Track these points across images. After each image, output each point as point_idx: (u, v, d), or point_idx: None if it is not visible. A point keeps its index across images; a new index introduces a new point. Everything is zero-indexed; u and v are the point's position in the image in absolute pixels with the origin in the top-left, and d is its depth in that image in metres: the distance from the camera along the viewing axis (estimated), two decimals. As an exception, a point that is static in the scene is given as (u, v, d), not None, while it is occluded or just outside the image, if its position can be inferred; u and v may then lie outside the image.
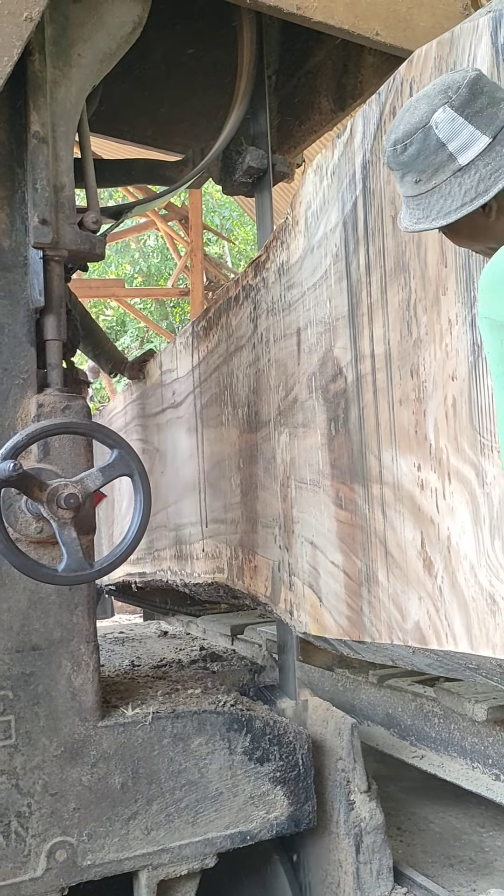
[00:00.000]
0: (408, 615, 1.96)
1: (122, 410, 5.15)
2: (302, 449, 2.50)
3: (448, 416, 1.78)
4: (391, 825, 2.88)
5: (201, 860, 2.31)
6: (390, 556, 2.03)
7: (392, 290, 1.98)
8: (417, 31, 2.67)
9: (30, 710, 2.14)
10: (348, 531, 2.23)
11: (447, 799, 3.39)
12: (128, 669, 3.06)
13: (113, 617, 8.89)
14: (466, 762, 2.78)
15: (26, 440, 1.96)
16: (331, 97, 3.31)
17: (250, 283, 2.91)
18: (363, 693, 3.41)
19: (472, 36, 1.68)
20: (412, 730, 3.07)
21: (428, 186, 1.41)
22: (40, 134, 2.17)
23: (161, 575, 4.18)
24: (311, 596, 2.47)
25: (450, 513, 1.79)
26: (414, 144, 1.40)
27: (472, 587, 1.72)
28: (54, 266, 2.24)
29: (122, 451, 2.08)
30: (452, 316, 1.76)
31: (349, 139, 2.15)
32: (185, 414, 3.72)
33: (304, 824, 2.47)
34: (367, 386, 2.11)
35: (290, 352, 2.57)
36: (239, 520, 3.07)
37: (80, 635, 2.23)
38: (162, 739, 2.29)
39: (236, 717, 2.40)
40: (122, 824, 2.21)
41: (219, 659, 3.26)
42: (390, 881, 2.49)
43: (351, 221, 2.16)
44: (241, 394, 3.01)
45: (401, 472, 1.97)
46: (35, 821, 2.11)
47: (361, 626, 2.19)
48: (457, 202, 1.38)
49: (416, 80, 1.85)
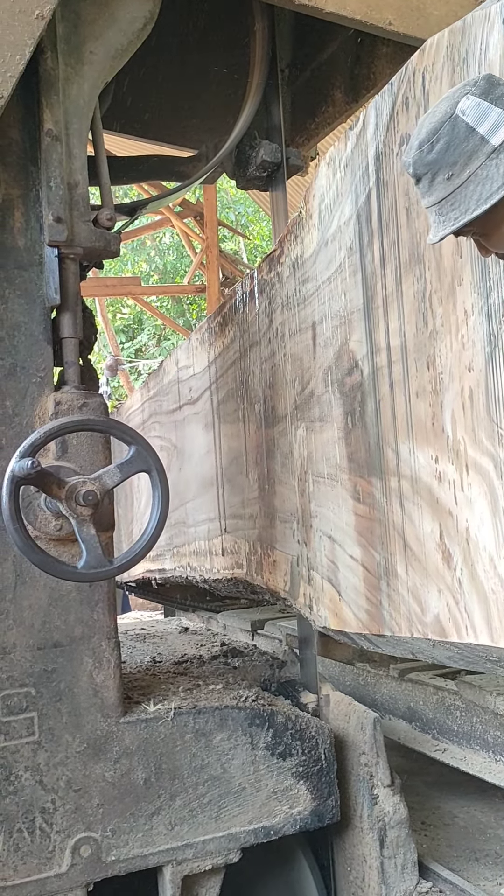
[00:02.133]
0: (427, 608, 1.95)
1: (140, 408, 5.17)
2: (319, 443, 2.49)
3: (465, 407, 1.77)
4: (416, 819, 2.87)
5: (225, 855, 2.31)
6: (409, 548, 2.02)
7: (407, 282, 1.96)
8: (431, 19, 2.65)
9: (52, 706, 2.15)
10: (366, 525, 2.22)
11: (472, 793, 3.37)
12: (149, 666, 3.07)
13: (128, 613, 8.94)
14: (489, 755, 2.76)
15: (44, 438, 1.97)
16: (344, 89, 3.29)
17: (265, 277, 2.90)
18: (384, 687, 3.39)
19: (485, 24, 1.65)
20: (434, 723, 3.05)
21: (462, 179, 1.37)
22: (53, 132, 2.17)
23: (181, 571, 4.19)
24: (329, 590, 2.46)
25: (468, 504, 1.77)
26: (442, 139, 1.37)
27: (492, 579, 1.71)
28: (69, 264, 2.24)
29: (139, 448, 2.07)
30: (468, 307, 1.74)
31: (362, 131, 2.13)
32: (201, 410, 3.72)
33: (328, 819, 2.46)
34: (383, 379, 2.10)
35: (305, 346, 2.56)
36: (257, 515, 3.07)
37: (101, 632, 2.24)
38: (184, 735, 2.29)
39: (258, 712, 2.40)
40: (146, 820, 2.22)
41: (240, 654, 3.26)
42: (415, 875, 2.48)
43: (365, 214, 2.14)
44: (257, 389, 3.00)
45: (418, 464, 1.95)
46: (59, 817, 2.12)
47: (381, 620, 2.18)
48: (497, 182, 1.34)
49: (428, 69, 1.83)
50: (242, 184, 3.25)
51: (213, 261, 11.50)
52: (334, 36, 3.20)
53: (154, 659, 3.18)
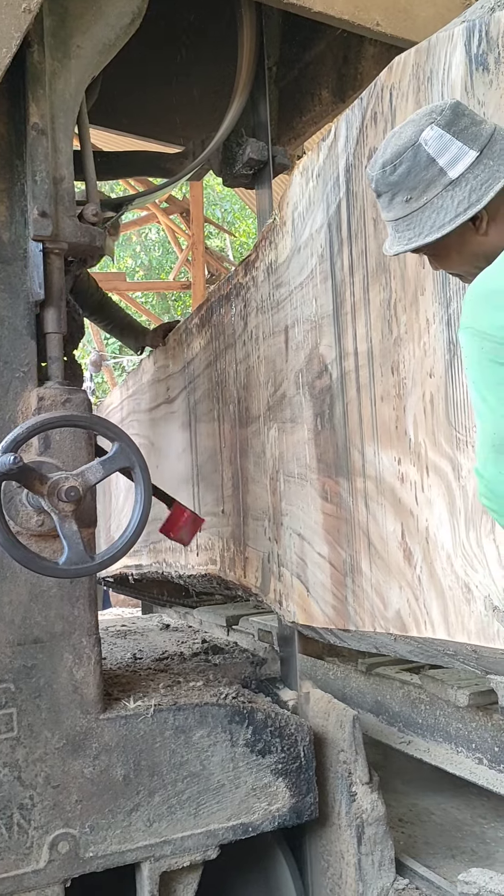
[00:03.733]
0: (389, 604, 2.03)
1: (119, 405, 5.21)
2: (290, 444, 2.55)
3: (426, 411, 1.85)
4: (393, 817, 2.89)
5: (203, 852, 2.32)
6: (373, 547, 2.10)
7: (374, 290, 2.04)
8: (418, 21, 2.66)
9: (32, 702, 2.14)
10: (334, 523, 2.29)
11: (449, 791, 3.39)
12: (130, 662, 3.07)
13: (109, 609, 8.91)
14: (451, 747, 2.83)
15: (27, 433, 1.96)
16: (331, 88, 3.30)
17: (241, 281, 2.96)
18: (353, 681, 3.47)
19: (448, 45, 1.74)
20: (400, 716, 3.12)
21: (419, 203, 1.45)
22: (39, 126, 2.16)
23: (157, 567, 4.25)
24: (298, 586, 2.53)
25: (428, 505, 1.85)
26: (404, 163, 1.45)
27: (449, 576, 1.78)
28: (54, 259, 2.23)
29: (122, 444, 2.07)
30: (430, 315, 1.83)
31: (333, 142, 2.21)
32: (178, 409, 3.79)
33: (306, 816, 2.47)
34: (350, 382, 2.17)
35: (278, 349, 2.62)
36: (231, 513, 3.13)
37: (81, 628, 2.23)
38: (164, 732, 2.29)
39: (238, 709, 2.40)
40: (125, 816, 2.22)
41: (220, 651, 3.26)
42: (392, 872, 2.49)
43: (335, 223, 2.21)
44: (232, 390, 3.06)
45: (382, 465, 2.03)
46: (37, 813, 2.11)
47: (346, 615, 2.25)
48: (450, 214, 1.43)
49: (395, 86, 1.92)
50: (229, 181, 3.24)
51: (198, 257, 11.48)
52: (322, 35, 3.21)
53: (135, 656, 3.18)
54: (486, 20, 1.64)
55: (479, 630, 1.71)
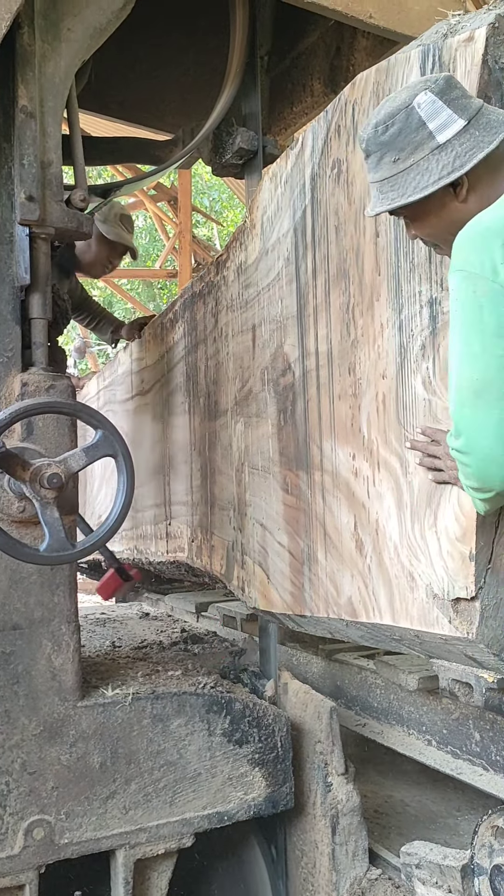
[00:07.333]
0: (342, 591, 2.12)
1: (95, 395, 5.30)
2: (255, 437, 2.64)
3: (378, 410, 1.94)
4: (368, 808, 2.91)
5: (178, 840, 2.32)
6: (328, 537, 2.19)
7: (334, 294, 2.13)
8: (411, 14, 2.65)
9: (9, 689, 2.14)
10: (293, 514, 2.39)
11: (424, 783, 3.42)
12: (109, 650, 3.07)
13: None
14: (403, 729, 2.92)
15: (9, 419, 1.95)
16: (323, 79, 3.29)
17: (213, 280, 3.05)
18: (314, 667, 3.55)
19: (406, 66, 1.84)
20: (357, 700, 3.21)
21: (406, 164, 1.52)
22: (28, 109, 2.14)
23: (129, 554, 4.34)
24: (260, 574, 2.62)
25: (378, 498, 1.95)
26: (396, 124, 1.52)
27: (396, 566, 1.88)
28: (41, 244, 2.22)
29: (105, 432, 2.06)
30: (384, 320, 1.92)
31: (300, 151, 2.30)
32: (152, 401, 3.89)
33: (282, 805, 2.49)
34: (311, 381, 2.27)
35: (246, 346, 2.71)
36: (199, 502, 3.23)
37: (60, 615, 2.23)
38: (141, 720, 2.29)
39: (216, 699, 2.41)
40: (100, 803, 2.22)
41: (200, 641, 3.27)
42: (366, 862, 2.51)
43: (301, 228, 2.30)
44: (202, 384, 3.15)
45: (338, 460, 2.13)
46: (13, 799, 2.11)
47: (303, 602, 2.35)
48: (434, 176, 1.49)
49: (358, 101, 2.01)
50: (218, 170, 3.22)
51: (185, 246, 11.42)
52: (315, 26, 3.19)
53: (114, 644, 3.18)
54: (440, 45, 1.74)
55: (420, 616, 1.81)
